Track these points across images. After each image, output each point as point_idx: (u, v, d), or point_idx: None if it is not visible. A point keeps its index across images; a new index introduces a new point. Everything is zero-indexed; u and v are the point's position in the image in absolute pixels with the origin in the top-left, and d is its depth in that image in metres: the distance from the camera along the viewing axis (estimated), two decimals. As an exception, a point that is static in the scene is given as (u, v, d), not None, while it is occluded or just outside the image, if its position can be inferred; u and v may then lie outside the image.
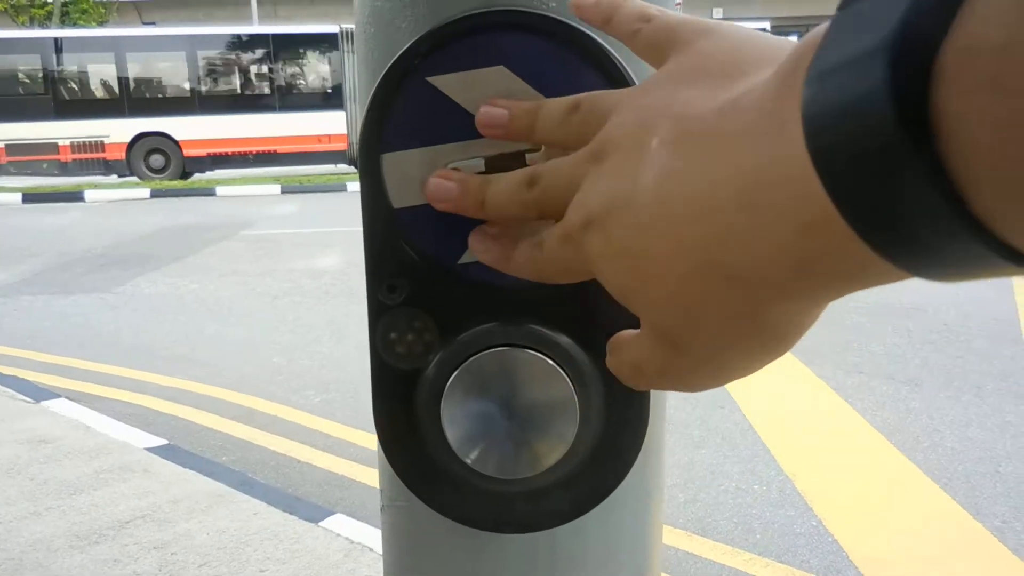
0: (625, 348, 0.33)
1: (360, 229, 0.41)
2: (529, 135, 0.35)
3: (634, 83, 0.37)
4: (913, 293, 5.55)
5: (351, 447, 3.55)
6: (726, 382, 0.31)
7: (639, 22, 0.33)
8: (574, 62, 0.37)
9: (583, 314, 0.40)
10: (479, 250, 0.36)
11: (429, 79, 0.38)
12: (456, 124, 0.37)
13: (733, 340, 0.28)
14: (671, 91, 0.29)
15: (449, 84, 0.37)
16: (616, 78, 0.37)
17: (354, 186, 13.64)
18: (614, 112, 0.31)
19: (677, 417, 3.71)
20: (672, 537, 2.78)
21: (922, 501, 2.94)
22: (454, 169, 0.37)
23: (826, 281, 0.24)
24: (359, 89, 0.49)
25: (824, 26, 0.22)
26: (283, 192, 13.89)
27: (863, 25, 0.19)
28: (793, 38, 0.29)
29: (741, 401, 3.87)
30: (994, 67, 0.17)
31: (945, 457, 3.27)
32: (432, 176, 0.36)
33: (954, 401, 3.83)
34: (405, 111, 0.38)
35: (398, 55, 0.38)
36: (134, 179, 16.10)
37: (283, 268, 7.40)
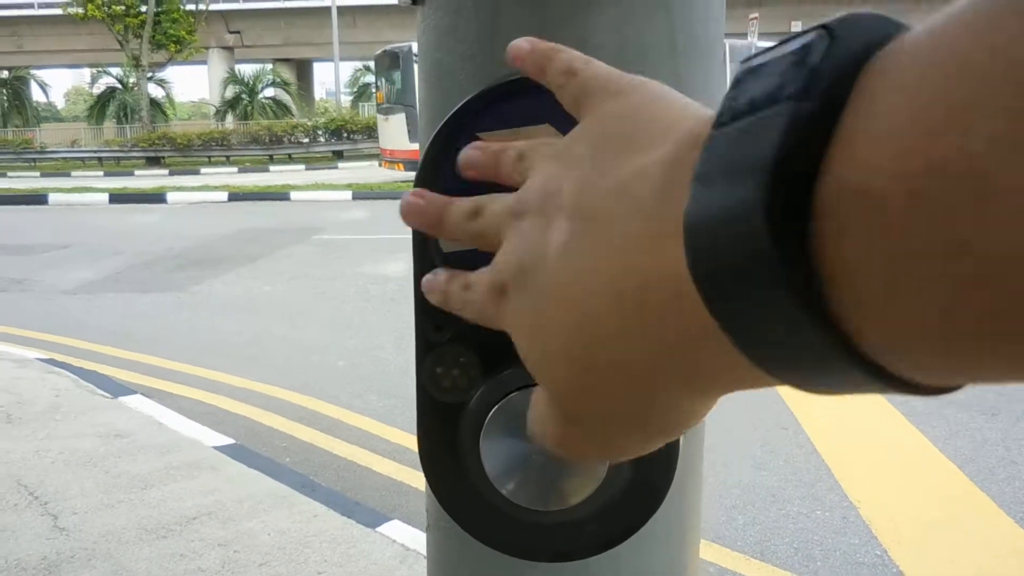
0: (537, 414, 0.32)
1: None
2: (496, 174, 0.34)
3: None
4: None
5: (410, 453, 3.60)
6: (619, 458, 0.31)
7: (565, 76, 0.32)
8: None
9: None
10: (427, 290, 0.36)
11: (480, 135, 0.40)
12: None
13: (623, 423, 0.28)
14: (576, 155, 0.28)
15: (498, 140, 0.39)
16: None
17: (423, 194, 13.80)
18: (534, 168, 0.30)
19: (739, 437, 3.65)
20: (729, 559, 2.74)
21: (995, 535, 2.83)
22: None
23: (712, 382, 0.24)
24: (421, 131, 0.51)
25: (705, 124, 0.22)
26: (354, 198, 14.18)
27: (742, 148, 0.19)
28: (694, 105, 0.28)
29: (806, 423, 3.78)
30: (864, 212, 0.17)
31: (1022, 490, 3.14)
32: (406, 194, 0.37)
33: (1033, 432, 3.68)
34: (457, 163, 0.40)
35: (452, 112, 0.40)
36: (213, 182, 16.65)
37: (351, 273, 7.56)
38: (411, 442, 3.72)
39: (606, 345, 0.25)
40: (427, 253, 0.41)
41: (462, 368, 0.42)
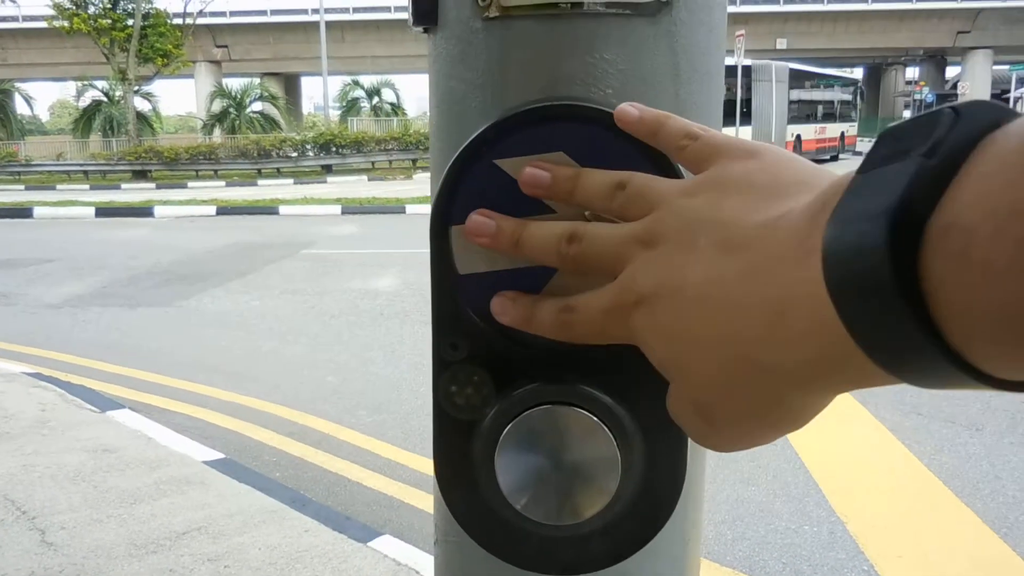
0: (672, 411, 0.37)
1: (415, 251, 0.45)
2: (568, 197, 0.39)
3: (678, 170, 0.41)
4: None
5: (401, 468, 3.60)
6: (745, 448, 0.36)
7: (685, 139, 0.37)
8: (627, 151, 0.41)
9: (627, 376, 0.43)
10: (498, 312, 0.41)
11: (496, 162, 0.42)
12: (518, 202, 0.41)
13: (756, 417, 0.33)
14: (716, 198, 0.34)
15: (514, 167, 0.41)
16: (664, 167, 0.41)
17: (412, 208, 13.84)
18: (662, 204, 0.35)
19: (727, 453, 3.67)
20: (719, 574, 2.75)
21: (979, 550, 2.86)
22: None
23: (839, 382, 0.29)
24: (432, 159, 0.53)
25: (848, 176, 0.28)
26: (343, 212, 14.17)
27: (873, 194, 0.25)
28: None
29: (794, 439, 3.81)
30: (962, 242, 0.23)
31: (1005, 505, 3.17)
32: (473, 213, 0.40)
33: (1018, 447, 3.72)
34: (473, 189, 0.42)
35: (469, 140, 0.42)
36: (201, 196, 16.59)
37: (340, 288, 7.55)
38: (402, 457, 3.73)
39: (751, 353, 0.30)
40: (445, 273, 0.43)
41: (476, 386, 0.44)
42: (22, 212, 14.86)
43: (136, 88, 26.89)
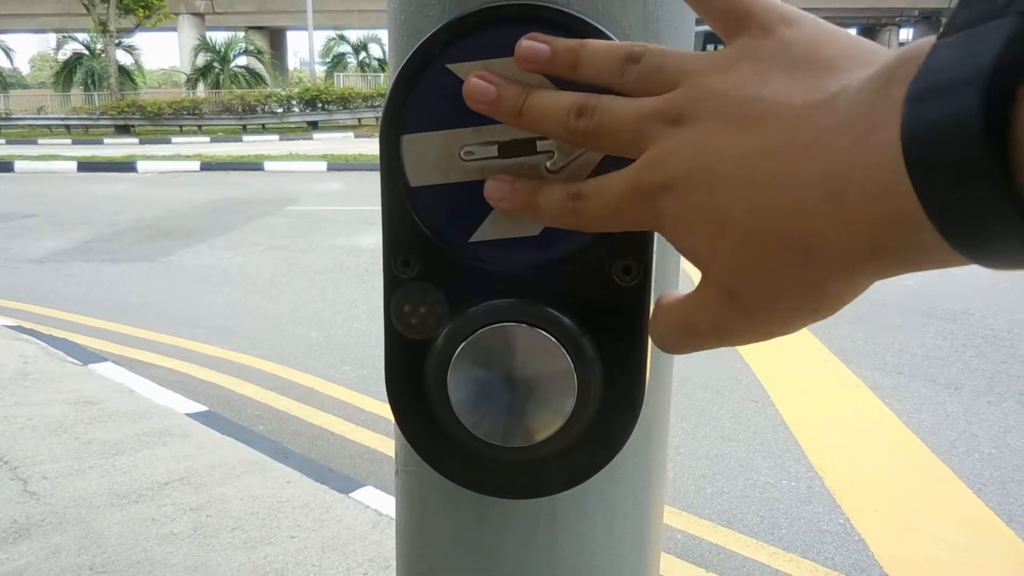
0: (679, 308, 0.35)
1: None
2: (571, 72, 0.35)
3: None
4: (961, 298, 5.44)
5: (384, 422, 3.61)
6: (771, 338, 0.34)
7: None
8: None
9: (585, 297, 0.42)
10: (495, 198, 0.38)
11: (449, 66, 0.40)
12: (473, 112, 0.39)
13: (793, 303, 0.31)
14: (754, 74, 0.31)
15: (468, 71, 0.39)
16: None
17: (399, 166, 13.70)
18: (687, 79, 0.32)
19: (708, 409, 3.71)
20: (697, 527, 2.79)
21: (954, 505, 2.91)
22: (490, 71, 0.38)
23: (892, 264, 0.28)
24: (392, 63, 0.51)
25: (918, 47, 0.26)
26: (329, 169, 14.04)
27: (960, 58, 0.23)
28: (852, 31, 0.31)
29: (775, 396, 3.85)
30: None
31: (981, 462, 3.22)
32: (471, 75, 0.37)
33: (995, 407, 3.77)
34: (425, 95, 0.40)
35: (420, 43, 0.40)
36: (185, 152, 16.40)
37: (325, 245, 7.51)
38: (385, 411, 3.72)
39: (799, 232, 0.28)
40: (396, 186, 0.42)
41: (429, 305, 0.43)
42: (3, 166, 14.64)
43: (117, 41, 26.39)
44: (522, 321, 0.41)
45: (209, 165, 14.62)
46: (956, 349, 4.54)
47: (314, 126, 24.17)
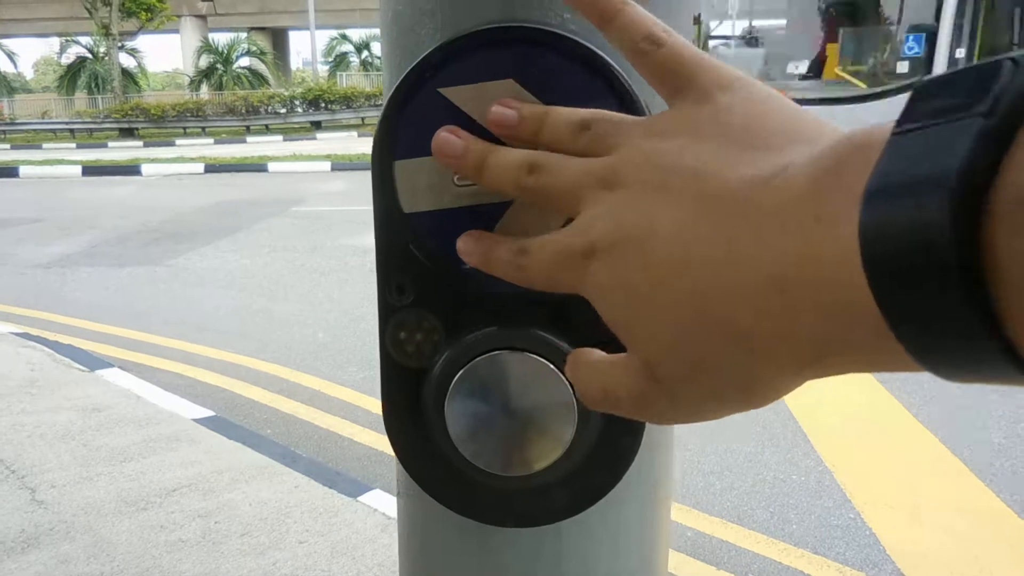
0: (601, 373, 0.33)
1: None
2: (535, 139, 0.35)
3: (639, 102, 0.38)
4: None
5: (391, 424, 3.60)
6: (695, 421, 0.32)
7: (647, 43, 0.33)
8: (582, 78, 0.38)
9: (584, 321, 0.41)
10: (463, 251, 0.37)
11: (441, 90, 0.38)
12: (475, 137, 0.38)
13: (720, 390, 0.29)
14: (688, 142, 0.30)
15: (460, 95, 0.38)
16: (623, 96, 0.38)
17: (402, 164, 13.71)
18: (625, 143, 0.32)
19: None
20: (707, 524, 2.78)
21: (965, 496, 2.89)
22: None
23: (838, 364, 0.26)
24: (385, 94, 0.50)
25: (868, 135, 0.24)
26: (333, 169, 14.04)
27: (922, 159, 0.21)
28: (812, 111, 0.30)
29: (783, 390, 3.83)
30: None
31: (992, 453, 3.20)
32: (441, 130, 0.37)
33: (1005, 397, 3.74)
34: (418, 120, 0.39)
35: (412, 66, 0.39)
36: (189, 154, 16.42)
37: (330, 245, 7.51)
38: (392, 413, 3.73)
39: (745, 319, 0.27)
40: (390, 212, 0.40)
41: (425, 332, 0.42)
42: (8, 171, 14.68)
43: (120, 44, 26.42)
44: (520, 348, 0.40)
45: (213, 167, 14.64)
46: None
47: (318, 126, 24.17)
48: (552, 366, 0.40)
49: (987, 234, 0.20)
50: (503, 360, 0.41)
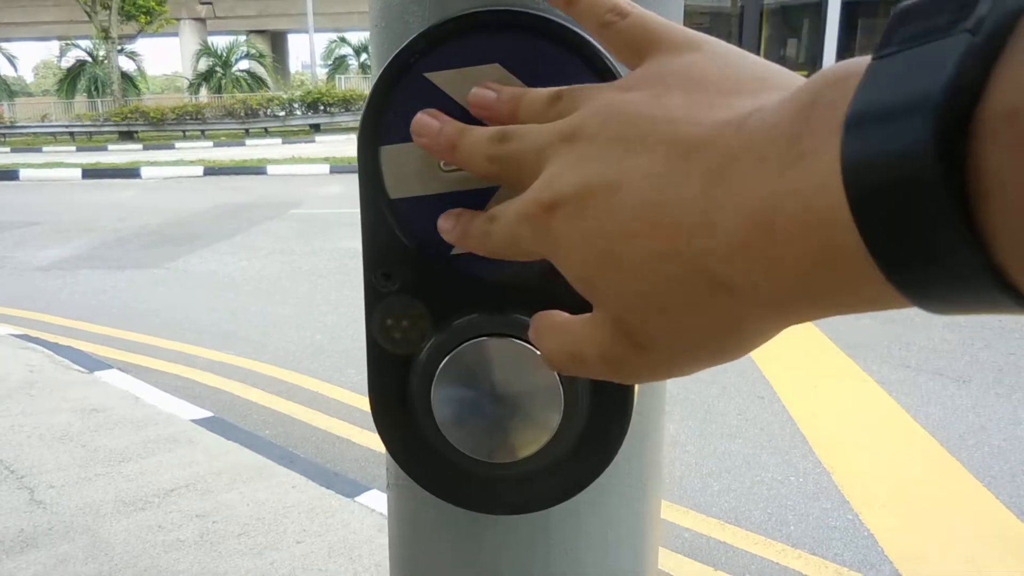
0: (566, 334, 0.33)
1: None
2: (512, 118, 0.35)
3: None
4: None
5: (389, 425, 3.60)
6: (669, 378, 0.31)
7: (612, 15, 0.32)
8: (569, 62, 0.38)
9: (569, 304, 0.41)
10: (444, 229, 0.37)
11: (427, 75, 0.39)
12: (453, 119, 0.38)
13: (701, 344, 0.28)
14: (656, 93, 0.29)
15: (446, 80, 0.38)
16: (609, 79, 0.38)
17: (402, 167, 13.71)
18: (590, 100, 0.31)
19: (714, 406, 3.69)
20: (704, 525, 2.78)
21: (964, 499, 2.89)
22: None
23: (824, 304, 0.25)
24: (373, 69, 0.50)
25: (844, 68, 0.23)
26: (332, 172, 14.04)
27: (906, 79, 0.20)
28: (787, 69, 0.29)
29: (781, 392, 3.83)
30: None
31: (991, 455, 3.20)
32: (420, 112, 0.37)
33: (1004, 399, 3.74)
34: (403, 105, 0.39)
35: (397, 51, 0.39)
36: (188, 157, 16.42)
37: (329, 248, 7.51)
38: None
39: (722, 262, 0.25)
40: (376, 198, 0.41)
41: (412, 319, 0.42)
42: (8, 174, 14.68)
43: (120, 47, 26.44)
44: (507, 334, 0.41)
45: (212, 170, 14.64)
46: (964, 342, 4.51)
47: (316, 129, 24.18)
48: (537, 351, 0.40)
49: (974, 153, 0.19)
50: (489, 346, 0.41)
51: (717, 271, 0.25)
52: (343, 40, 34.15)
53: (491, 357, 0.41)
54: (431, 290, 0.42)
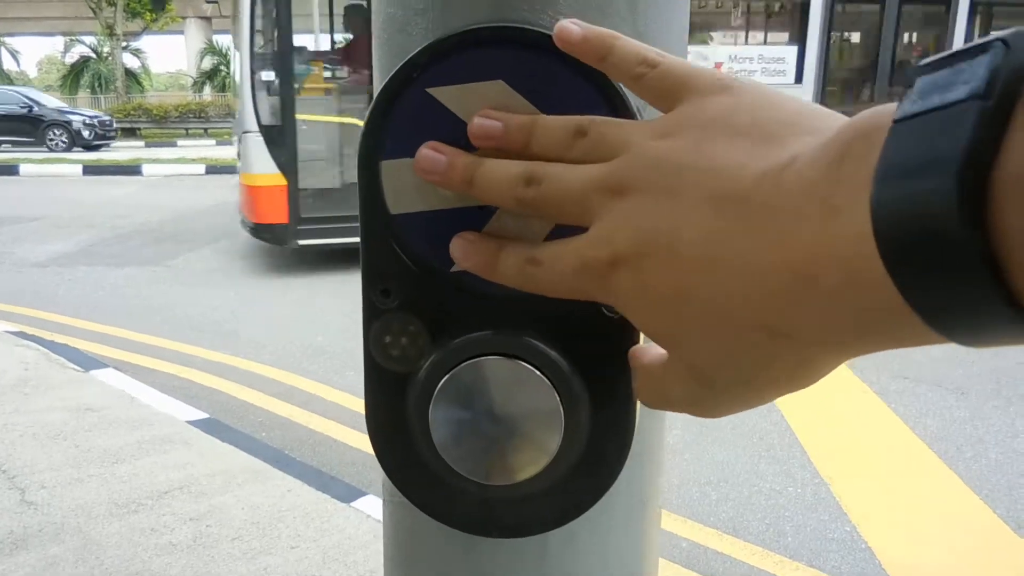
0: (654, 374, 0.34)
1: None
2: (524, 150, 0.35)
3: (630, 105, 0.37)
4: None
5: (386, 429, 3.59)
6: (749, 408, 0.32)
7: (643, 67, 0.33)
8: (572, 80, 0.37)
9: (572, 327, 0.40)
10: (459, 256, 0.37)
11: (428, 90, 0.38)
12: (453, 135, 0.37)
13: (771, 382, 0.30)
14: (696, 141, 0.30)
15: (448, 96, 0.37)
16: (613, 98, 0.37)
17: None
18: (628, 148, 0.31)
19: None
20: (702, 535, 2.76)
21: (961, 512, 2.88)
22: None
23: (875, 342, 0.27)
24: (376, 84, 0.49)
25: (872, 121, 0.25)
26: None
27: (928, 141, 0.22)
28: (818, 106, 0.30)
29: (780, 402, 3.82)
30: None
31: (988, 468, 3.19)
32: (423, 147, 0.36)
33: (1001, 411, 3.73)
34: (405, 120, 0.38)
35: (399, 66, 0.38)
36: (190, 155, 16.43)
37: (329, 248, 7.49)
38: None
39: (769, 318, 0.27)
40: (375, 213, 0.39)
41: (411, 336, 0.41)
42: (8, 169, 14.67)
43: (124, 44, 26.48)
44: (506, 354, 0.39)
45: (214, 168, 14.64)
46: (962, 353, 4.50)
47: (319, 129, 24.19)
48: (538, 372, 0.39)
49: (993, 212, 0.21)
50: (488, 365, 0.40)
51: (773, 321, 0.27)
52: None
53: (490, 377, 0.40)
54: (430, 307, 0.41)
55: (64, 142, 19.57)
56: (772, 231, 0.26)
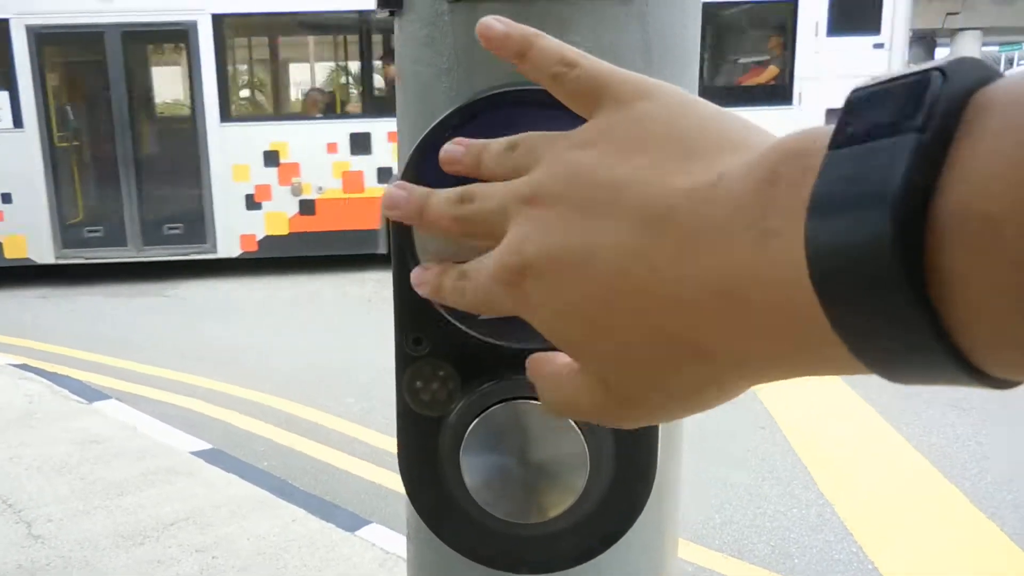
0: (561, 383, 0.33)
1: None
2: (476, 170, 0.35)
3: None
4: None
5: (389, 456, 3.59)
6: (656, 423, 0.32)
7: (560, 65, 0.32)
8: None
9: None
10: (416, 284, 0.37)
11: None
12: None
13: (682, 398, 0.29)
14: (612, 151, 0.29)
15: None
16: None
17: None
18: (549, 156, 0.31)
19: (715, 437, 3.68)
20: (707, 558, 2.76)
21: (967, 530, 2.88)
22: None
23: (803, 369, 0.26)
24: (400, 146, 0.52)
25: (801, 144, 0.24)
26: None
27: (863, 173, 0.21)
28: (733, 114, 0.29)
29: (782, 422, 3.82)
30: (987, 232, 0.20)
31: (993, 485, 3.19)
32: (387, 186, 0.37)
33: (1005, 427, 3.74)
34: (436, 176, 0.40)
35: (431, 126, 0.40)
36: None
37: (330, 275, 7.51)
38: (390, 445, 3.71)
39: (695, 331, 0.26)
40: (406, 265, 0.42)
41: (441, 381, 0.43)
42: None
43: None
44: (534, 398, 0.41)
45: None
46: (963, 370, 4.51)
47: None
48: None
49: (929, 248, 0.20)
50: (516, 410, 0.41)
51: (691, 338, 0.27)
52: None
53: (518, 420, 0.42)
54: (460, 354, 0.43)
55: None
56: (701, 250, 0.26)
